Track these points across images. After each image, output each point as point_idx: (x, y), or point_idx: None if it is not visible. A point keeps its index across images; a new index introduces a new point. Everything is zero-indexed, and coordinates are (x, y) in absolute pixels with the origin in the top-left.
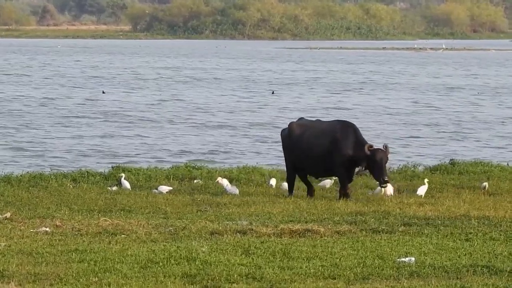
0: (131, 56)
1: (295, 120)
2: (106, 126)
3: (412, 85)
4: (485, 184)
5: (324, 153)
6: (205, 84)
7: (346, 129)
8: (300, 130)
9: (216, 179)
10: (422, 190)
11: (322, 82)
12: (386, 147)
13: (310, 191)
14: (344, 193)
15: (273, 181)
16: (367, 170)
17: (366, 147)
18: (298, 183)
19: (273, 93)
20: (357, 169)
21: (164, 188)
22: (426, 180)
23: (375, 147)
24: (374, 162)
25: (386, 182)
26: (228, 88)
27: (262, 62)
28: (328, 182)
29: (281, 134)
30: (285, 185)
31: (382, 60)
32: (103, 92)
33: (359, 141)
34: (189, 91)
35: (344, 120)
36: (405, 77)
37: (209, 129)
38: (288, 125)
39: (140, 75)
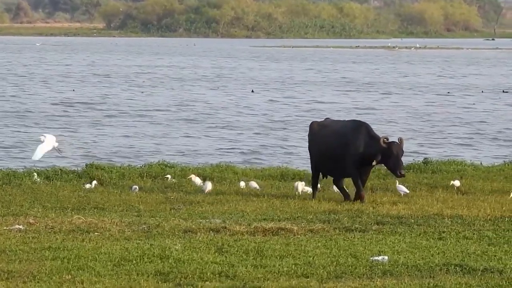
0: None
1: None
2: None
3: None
4: (456, 182)
5: (336, 153)
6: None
7: (357, 129)
8: (318, 129)
9: (189, 177)
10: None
11: (300, 80)
12: (401, 140)
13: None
14: (358, 195)
15: (208, 185)
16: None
17: (381, 140)
18: (272, 182)
19: (252, 91)
20: (374, 163)
21: (134, 187)
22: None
23: (391, 140)
24: (390, 155)
25: (403, 175)
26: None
27: (236, 60)
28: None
29: (307, 136)
30: (253, 184)
31: (361, 59)
32: (73, 90)
33: (372, 138)
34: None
35: (357, 120)
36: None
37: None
38: (310, 125)
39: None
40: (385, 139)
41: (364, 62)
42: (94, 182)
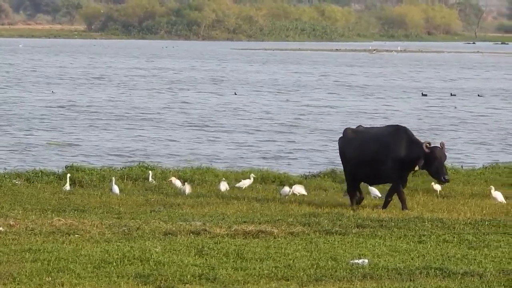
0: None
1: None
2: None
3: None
4: (437, 186)
5: (375, 159)
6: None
7: (396, 133)
8: (353, 136)
9: (170, 179)
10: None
11: (279, 83)
12: (442, 144)
13: (359, 200)
14: (401, 199)
15: (187, 188)
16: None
17: (424, 145)
18: (252, 184)
19: (235, 94)
20: (416, 168)
21: (115, 188)
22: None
23: (433, 145)
24: (434, 160)
25: (447, 180)
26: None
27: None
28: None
29: (338, 141)
30: (223, 184)
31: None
32: (52, 92)
33: (412, 142)
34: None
35: (395, 124)
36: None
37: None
38: (343, 131)
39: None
40: (428, 144)
41: (343, 65)
42: (67, 186)
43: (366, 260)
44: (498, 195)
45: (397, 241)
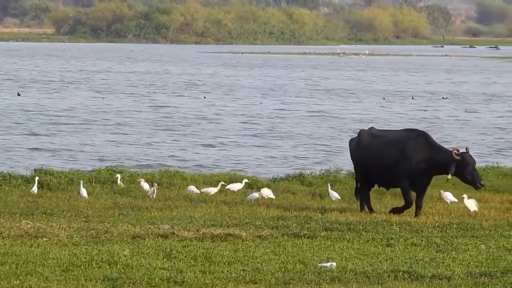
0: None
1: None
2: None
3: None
4: None
5: (391, 163)
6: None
7: (414, 137)
8: (369, 138)
9: (139, 180)
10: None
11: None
12: (468, 149)
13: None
14: (397, 208)
15: (154, 190)
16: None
17: (453, 153)
18: (221, 187)
19: (204, 97)
20: (449, 177)
21: (83, 191)
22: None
23: (462, 151)
24: (467, 166)
25: (483, 185)
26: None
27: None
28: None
29: (349, 144)
30: (192, 188)
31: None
32: (18, 94)
33: (432, 147)
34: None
35: (413, 128)
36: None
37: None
38: (358, 133)
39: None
40: (456, 151)
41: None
42: (34, 189)
43: (334, 263)
44: (448, 196)
45: (365, 244)
